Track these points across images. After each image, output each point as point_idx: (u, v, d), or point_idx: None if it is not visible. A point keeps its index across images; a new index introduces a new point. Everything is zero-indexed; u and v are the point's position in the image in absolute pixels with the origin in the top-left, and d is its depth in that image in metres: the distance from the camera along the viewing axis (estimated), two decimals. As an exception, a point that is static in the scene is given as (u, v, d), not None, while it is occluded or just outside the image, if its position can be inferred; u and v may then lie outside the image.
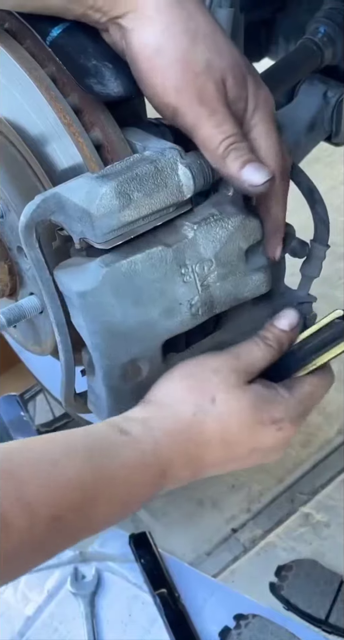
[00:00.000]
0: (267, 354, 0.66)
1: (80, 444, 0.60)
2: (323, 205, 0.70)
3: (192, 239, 0.63)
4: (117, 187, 0.59)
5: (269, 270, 0.68)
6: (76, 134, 0.62)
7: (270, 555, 1.14)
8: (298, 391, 0.66)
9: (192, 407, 0.62)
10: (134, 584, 1.11)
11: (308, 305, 0.72)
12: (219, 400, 0.63)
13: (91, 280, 0.60)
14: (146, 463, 0.61)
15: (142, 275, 0.61)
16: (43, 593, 1.12)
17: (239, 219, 0.64)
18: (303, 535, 1.16)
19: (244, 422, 0.63)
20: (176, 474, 0.62)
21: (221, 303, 0.66)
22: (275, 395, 0.65)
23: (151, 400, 0.64)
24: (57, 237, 0.65)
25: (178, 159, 0.61)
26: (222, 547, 1.17)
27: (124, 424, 0.62)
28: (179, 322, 0.64)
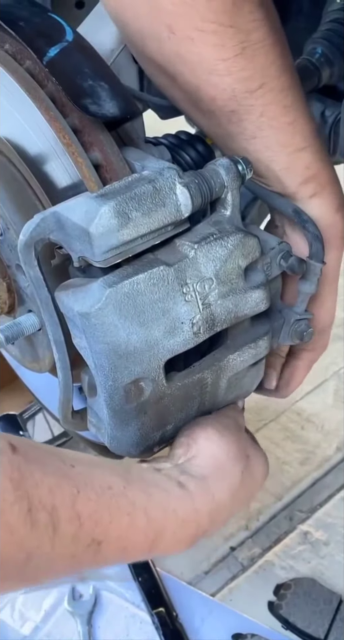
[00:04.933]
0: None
1: (137, 479, 0.61)
2: (313, 223, 0.70)
3: (193, 258, 0.63)
4: (116, 207, 0.59)
5: (268, 287, 0.68)
6: (75, 153, 0.62)
7: (269, 574, 1.13)
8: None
9: (240, 473, 0.68)
10: (132, 602, 1.10)
11: (305, 322, 0.73)
12: (251, 458, 0.70)
13: (93, 301, 0.60)
14: (198, 523, 0.63)
15: (145, 295, 0.61)
16: (40, 612, 1.11)
17: (238, 237, 0.65)
18: (302, 553, 1.16)
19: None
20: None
21: (222, 321, 0.66)
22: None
23: (198, 457, 0.67)
24: (56, 255, 0.66)
25: (176, 179, 0.62)
26: (221, 565, 1.16)
27: (181, 477, 0.64)
28: (181, 341, 0.64)
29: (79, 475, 0.56)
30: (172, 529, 0.62)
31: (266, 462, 0.72)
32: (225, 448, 0.67)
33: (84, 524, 0.55)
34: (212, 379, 0.69)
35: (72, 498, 0.55)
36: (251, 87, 0.66)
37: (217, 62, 0.64)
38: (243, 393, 0.74)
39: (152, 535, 0.61)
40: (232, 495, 0.66)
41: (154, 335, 0.62)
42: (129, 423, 0.66)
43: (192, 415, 0.70)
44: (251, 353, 0.70)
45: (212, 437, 0.68)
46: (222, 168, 0.65)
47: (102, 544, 0.57)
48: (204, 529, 0.65)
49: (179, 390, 0.66)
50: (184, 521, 0.63)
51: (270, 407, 1.45)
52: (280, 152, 0.70)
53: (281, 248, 0.69)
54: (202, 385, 0.68)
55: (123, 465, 0.62)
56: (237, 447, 0.68)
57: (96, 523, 0.56)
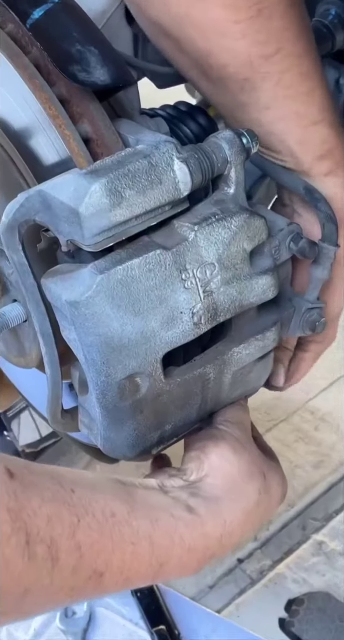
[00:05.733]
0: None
1: (142, 504, 0.61)
2: (325, 202, 0.70)
3: (192, 241, 0.63)
4: (107, 184, 0.58)
5: (277, 273, 0.67)
6: (62, 126, 0.62)
7: (279, 588, 1.13)
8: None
9: (256, 493, 0.67)
10: (130, 620, 1.10)
11: (317, 310, 0.72)
12: (267, 476, 0.69)
13: (83, 288, 0.60)
14: (207, 548, 0.63)
15: (140, 281, 0.61)
16: (29, 631, 1.11)
17: (242, 218, 0.64)
18: (316, 565, 1.15)
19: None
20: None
21: (225, 310, 0.65)
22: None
23: (210, 476, 0.66)
24: (42, 239, 0.65)
25: (174, 153, 0.61)
26: (227, 579, 1.16)
27: (191, 500, 0.63)
28: (180, 333, 0.64)
29: (80, 501, 0.56)
30: (178, 555, 0.62)
31: (283, 479, 0.72)
32: (239, 466, 0.67)
33: (85, 555, 0.55)
34: (215, 374, 0.68)
35: (72, 528, 0.55)
36: (268, 52, 0.66)
37: (231, 24, 0.64)
38: (250, 390, 0.74)
39: (157, 563, 0.61)
40: (246, 518, 0.66)
41: (151, 326, 0.62)
42: (123, 422, 0.65)
43: (193, 415, 0.70)
44: (257, 345, 0.69)
45: (225, 454, 0.68)
46: (224, 141, 0.64)
47: (104, 575, 0.57)
48: (213, 554, 0.65)
49: (178, 386, 0.66)
50: (192, 547, 0.63)
51: (281, 406, 1.44)
52: (295, 124, 0.69)
53: (291, 229, 0.69)
54: (204, 381, 0.68)
55: (127, 488, 0.62)
56: (253, 464, 0.68)
57: (97, 554, 0.56)
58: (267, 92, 0.68)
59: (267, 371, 0.74)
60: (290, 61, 0.67)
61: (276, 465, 0.73)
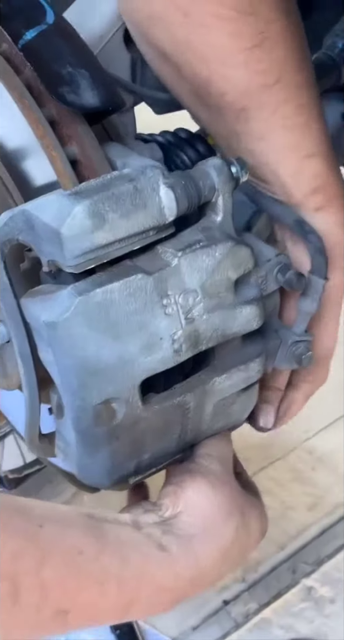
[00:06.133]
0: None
1: (112, 542, 0.61)
2: (315, 235, 0.71)
3: (175, 267, 0.64)
4: (90, 207, 0.60)
5: (262, 304, 0.69)
6: (50, 147, 0.64)
7: (265, 633, 1.13)
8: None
9: (233, 531, 0.67)
10: (108, 658, 1.10)
11: (305, 344, 0.73)
12: (246, 513, 0.69)
13: (61, 309, 0.61)
14: (177, 588, 0.64)
15: (119, 305, 0.62)
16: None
17: (227, 246, 0.66)
18: (304, 611, 1.15)
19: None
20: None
21: (207, 338, 0.67)
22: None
23: (185, 513, 0.67)
24: (26, 259, 0.67)
25: (160, 178, 0.63)
26: (211, 620, 1.16)
27: (163, 538, 0.64)
28: (159, 359, 0.65)
29: (47, 537, 0.57)
30: (148, 595, 0.63)
31: (264, 516, 0.72)
32: (217, 503, 0.68)
33: (50, 594, 0.56)
34: (196, 403, 0.69)
35: (37, 565, 0.55)
36: (268, 82, 0.67)
37: (233, 52, 0.65)
38: (232, 422, 0.75)
39: (126, 602, 0.62)
40: (221, 557, 0.67)
41: (129, 351, 0.63)
42: (99, 449, 0.66)
43: (173, 445, 0.71)
44: (241, 376, 0.70)
45: (202, 490, 0.68)
46: (213, 169, 0.66)
47: (69, 613, 0.58)
48: (184, 594, 0.65)
49: (156, 414, 0.67)
50: (162, 587, 0.63)
51: (278, 444, 1.45)
52: (289, 156, 0.71)
53: (279, 260, 0.70)
54: (183, 410, 0.69)
55: (99, 524, 0.62)
56: (231, 501, 0.69)
57: (63, 592, 0.57)
58: (263, 122, 0.69)
59: (251, 404, 0.75)
60: (289, 92, 0.69)
61: (257, 502, 0.73)
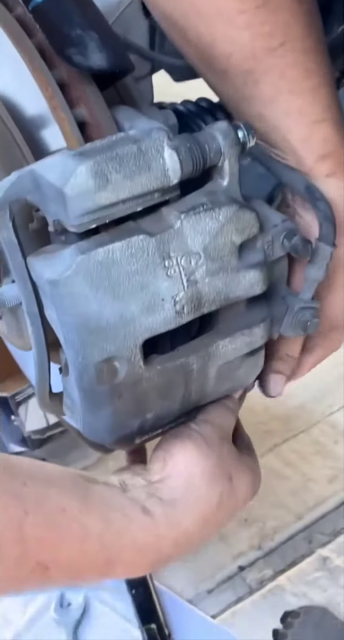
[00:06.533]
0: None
1: (97, 502, 0.62)
2: (325, 202, 0.70)
3: (178, 229, 0.63)
4: (93, 167, 0.60)
5: (266, 269, 0.68)
6: (57, 108, 0.64)
7: (278, 599, 1.12)
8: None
9: (217, 497, 0.67)
10: (124, 616, 1.11)
11: (311, 311, 0.72)
12: (234, 478, 0.69)
13: (63, 267, 0.61)
14: (159, 550, 0.64)
15: (121, 265, 0.62)
16: (24, 617, 1.13)
17: (231, 210, 0.65)
18: (318, 580, 1.14)
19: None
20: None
21: (210, 301, 0.66)
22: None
23: (171, 478, 0.67)
24: (34, 219, 0.67)
25: (165, 141, 0.62)
26: (226, 585, 1.16)
27: (148, 501, 0.64)
28: (161, 320, 0.65)
29: (31, 495, 0.58)
30: (129, 556, 0.63)
31: (252, 482, 0.72)
32: (202, 469, 0.67)
33: (30, 548, 0.57)
34: (199, 366, 0.69)
35: (19, 520, 0.56)
36: (272, 45, 0.67)
37: (236, 13, 0.65)
38: (238, 385, 0.74)
39: (106, 561, 0.62)
40: (205, 521, 0.67)
41: (130, 311, 0.63)
42: (101, 406, 0.66)
43: (177, 406, 0.71)
44: (244, 341, 0.70)
45: (190, 455, 0.68)
46: (219, 132, 0.65)
47: (50, 568, 0.59)
48: (167, 556, 0.66)
49: (159, 375, 0.67)
50: (143, 549, 0.64)
51: (301, 417, 1.44)
52: (298, 121, 0.70)
53: (285, 226, 0.69)
54: (186, 372, 0.68)
55: (85, 484, 0.63)
56: (219, 467, 0.68)
57: (43, 547, 0.58)
58: (270, 86, 0.68)
59: (257, 369, 0.74)
60: (295, 56, 0.68)
61: (250, 465, 0.72)
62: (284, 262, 0.72)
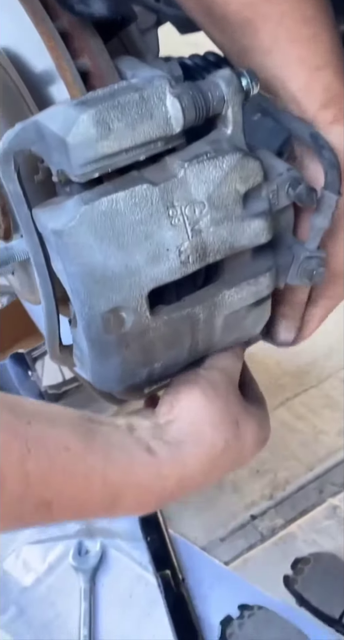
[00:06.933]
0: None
1: (101, 441, 0.62)
2: (330, 149, 0.68)
3: (181, 178, 0.62)
4: (95, 115, 0.59)
5: (271, 218, 0.66)
6: (60, 58, 0.62)
7: (289, 547, 1.13)
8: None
9: (222, 441, 0.66)
10: (139, 563, 1.12)
11: (316, 260, 0.71)
12: (241, 424, 0.68)
13: (67, 218, 0.60)
14: (163, 489, 0.64)
15: (125, 215, 0.61)
16: (44, 564, 1.15)
17: (235, 158, 0.63)
18: (328, 528, 1.14)
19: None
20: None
21: (215, 251, 0.65)
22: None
23: (178, 421, 0.66)
24: (40, 170, 0.66)
25: (167, 88, 0.60)
26: (239, 533, 1.16)
27: (153, 442, 0.64)
28: (166, 270, 0.64)
29: (34, 433, 0.58)
30: (133, 493, 0.63)
31: (259, 430, 0.71)
32: (208, 413, 0.67)
33: (33, 485, 0.57)
34: (205, 316, 0.68)
35: (21, 458, 0.56)
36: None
37: None
38: (245, 335, 0.73)
39: (110, 498, 0.62)
40: (209, 465, 0.66)
41: (135, 260, 0.62)
42: (109, 356, 0.66)
43: (184, 355, 0.70)
44: (250, 290, 0.68)
45: (196, 400, 0.67)
46: (222, 80, 0.63)
47: (53, 504, 0.59)
48: (171, 495, 0.65)
49: (165, 325, 0.66)
50: (147, 487, 0.63)
51: (312, 373, 1.43)
52: (298, 69, 0.68)
53: (290, 175, 0.67)
54: (193, 322, 0.67)
55: (90, 424, 0.63)
56: (225, 412, 0.68)
57: (46, 484, 0.58)
58: (268, 35, 0.67)
59: (264, 318, 0.73)
60: (292, 4, 0.66)
61: (259, 413, 0.72)
62: (290, 212, 0.71)
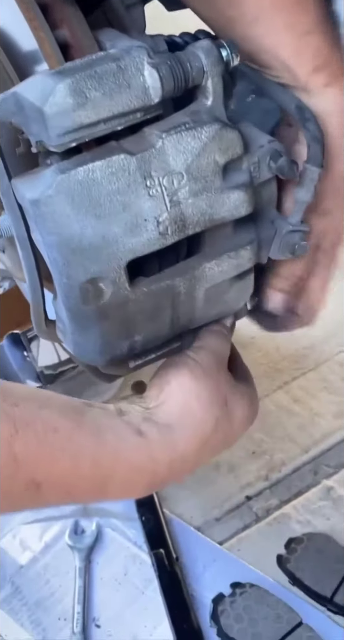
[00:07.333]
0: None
1: (90, 423, 0.61)
2: (314, 122, 0.67)
3: (159, 149, 0.61)
4: (72, 84, 0.58)
5: (251, 190, 0.65)
6: (37, 28, 0.61)
7: (283, 527, 1.12)
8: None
9: (213, 421, 0.66)
10: (134, 542, 1.12)
11: (298, 234, 0.69)
12: (230, 403, 0.68)
13: (44, 187, 0.59)
14: (154, 472, 0.63)
15: (102, 185, 0.60)
16: (40, 543, 1.14)
17: (214, 129, 0.62)
18: (322, 509, 1.13)
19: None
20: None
21: (194, 223, 0.64)
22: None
23: (167, 403, 0.65)
24: (21, 142, 0.65)
25: (145, 58, 0.59)
26: (234, 514, 1.16)
27: (143, 425, 0.63)
28: (145, 241, 0.63)
29: (22, 415, 0.57)
30: (123, 476, 0.62)
31: (248, 408, 0.70)
32: (198, 394, 0.66)
33: (21, 466, 0.56)
34: (186, 288, 0.67)
35: (9, 439, 0.56)
36: None
37: None
38: (228, 310, 0.72)
39: (100, 480, 0.61)
40: (200, 445, 0.65)
41: (113, 231, 0.61)
42: (88, 327, 0.65)
43: (166, 329, 0.69)
44: (231, 263, 0.67)
45: (185, 381, 0.66)
46: (201, 50, 0.62)
47: (42, 486, 0.58)
48: (162, 478, 0.64)
49: (145, 296, 0.65)
50: (137, 469, 0.62)
51: (310, 356, 1.41)
52: (286, 36, 0.67)
53: (271, 147, 0.66)
54: (173, 294, 0.66)
55: (79, 407, 0.62)
56: (213, 392, 0.67)
57: (35, 465, 0.57)
58: (253, 3, 0.65)
59: (247, 293, 0.72)
60: None
61: (247, 392, 0.71)
62: (273, 185, 0.70)
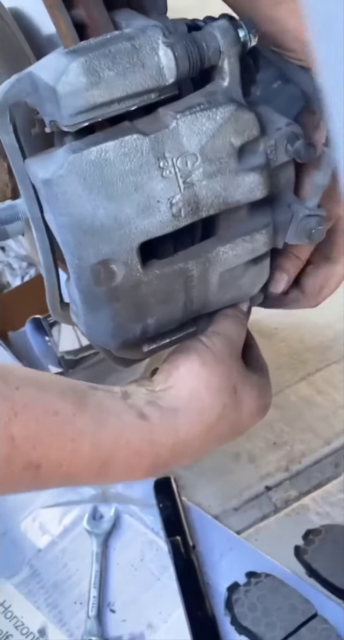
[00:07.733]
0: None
1: (92, 405, 0.60)
2: None
3: (173, 129, 0.60)
4: (85, 63, 0.57)
5: (267, 173, 0.64)
6: (53, 7, 0.60)
7: (301, 518, 1.10)
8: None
9: (220, 408, 0.64)
10: (152, 529, 1.11)
11: (315, 219, 0.67)
12: (239, 392, 0.66)
13: (55, 167, 0.59)
14: (156, 456, 0.62)
15: (114, 165, 0.59)
16: (59, 527, 1.14)
17: (229, 109, 0.61)
18: (341, 501, 1.11)
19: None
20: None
21: (208, 205, 0.63)
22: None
23: (174, 388, 0.64)
24: (36, 123, 0.65)
25: (160, 37, 0.58)
26: (252, 503, 1.14)
27: (146, 408, 0.62)
28: (157, 223, 0.61)
29: (22, 397, 0.57)
30: (123, 458, 0.61)
31: (259, 400, 0.68)
32: (207, 380, 0.65)
33: (19, 447, 0.56)
34: (199, 272, 0.65)
35: (7, 420, 0.55)
36: None
37: None
38: (242, 295, 0.71)
39: (99, 462, 0.60)
40: (205, 432, 0.64)
41: (125, 212, 0.60)
42: (100, 309, 0.64)
43: (179, 313, 0.68)
44: (246, 247, 0.66)
45: (194, 367, 0.65)
46: (218, 30, 0.61)
47: (41, 467, 0.57)
48: (164, 461, 0.63)
49: (157, 279, 0.64)
50: (138, 452, 0.61)
51: (336, 349, 1.39)
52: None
53: (289, 130, 0.65)
54: (186, 278, 0.65)
55: (82, 390, 0.61)
56: (224, 379, 0.65)
57: (33, 446, 0.57)
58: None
59: (262, 278, 0.70)
60: None
61: (259, 382, 0.69)
62: (291, 169, 0.68)
